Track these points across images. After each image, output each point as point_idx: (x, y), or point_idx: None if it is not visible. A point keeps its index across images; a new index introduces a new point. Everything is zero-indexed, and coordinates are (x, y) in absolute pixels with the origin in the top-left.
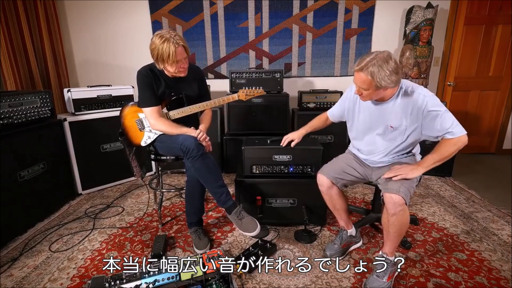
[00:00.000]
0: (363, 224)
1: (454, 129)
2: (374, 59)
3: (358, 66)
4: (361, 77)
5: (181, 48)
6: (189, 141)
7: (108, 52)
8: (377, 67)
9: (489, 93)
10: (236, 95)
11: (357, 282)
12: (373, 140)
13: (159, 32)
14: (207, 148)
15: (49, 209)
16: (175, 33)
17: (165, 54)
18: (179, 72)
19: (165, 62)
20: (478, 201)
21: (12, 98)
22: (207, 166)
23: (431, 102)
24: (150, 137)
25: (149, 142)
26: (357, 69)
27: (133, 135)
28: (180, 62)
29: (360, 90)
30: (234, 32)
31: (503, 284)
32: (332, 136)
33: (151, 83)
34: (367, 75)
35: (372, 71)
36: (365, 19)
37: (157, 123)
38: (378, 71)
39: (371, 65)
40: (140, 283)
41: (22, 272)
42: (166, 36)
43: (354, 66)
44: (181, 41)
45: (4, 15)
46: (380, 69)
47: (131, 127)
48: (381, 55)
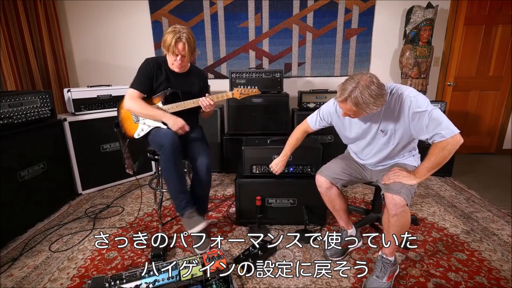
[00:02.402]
0: (363, 224)
1: (443, 130)
2: (356, 88)
3: (341, 97)
4: (346, 107)
5: (182, 44)
6: (166, 138)
7: (108, 52)
8: (360, 96)
9: (489, 93)
10: (230, 93)
11: (357, 282)
12: (367, 145)
13: (176, 25)
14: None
15: (49, 209)
16: (187, 30)
17: (167, 42)
18: (175, 66)
19: (166, 49)
20: (478, 201)
21: (12, 98)
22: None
23: (416, 103)
24: (143, 129)
25: (142, 135)
26: (341, 100)
27: (127, 127)
28: (178, 57)
29: (347, 114)
30: (234, 32)
31: (503, 284)
32: (332, 136)
33: (149, 73)
34: (351, 105)
35: (356, 101)
36: (365, 19)
37: (131, 103)
38: (362, 100)
39: (354, 94)
40: (140, 283)
41: (22, 272)
42: (177, 28)
43: (336, 96)
44: (185, 38)
45: (4, 15)
46: (364, 97)
47: (127, 119)
48: (362, 81)
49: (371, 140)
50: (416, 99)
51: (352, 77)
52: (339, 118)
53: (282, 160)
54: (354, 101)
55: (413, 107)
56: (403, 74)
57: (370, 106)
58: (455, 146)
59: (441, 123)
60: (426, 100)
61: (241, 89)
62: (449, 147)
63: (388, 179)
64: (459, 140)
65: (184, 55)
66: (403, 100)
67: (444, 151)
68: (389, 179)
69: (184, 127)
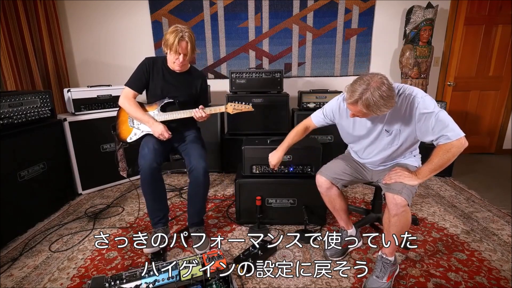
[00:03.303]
0: (363, 224)
1: (449, 132)
2: (367, 90)
3: (351, 99)
4: (356, 109)
5: (185, 43)
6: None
7: (108, 52)
8: (371, 98)
9: (489, 93)
10: (223, 107)
11: (357, 282)
12: (370, 144)
13: (177, 24)
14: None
15: (49, 209)
16: (189, 30)
17: (170, 41)
18: (176, 64)
19: (168, 48)
20: (478, 201)
21: (12, 98)
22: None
23: (423, 104)
24: (136, 134)
25: (134, 139)
26: (351, 102)
27: (122, 130)
28: (181, 55)
29: (355, 115)
30: (234, 32)
31: (503, 284)
32: (332, 136)
33: (145, 72)
34: (362, 107)
35: (367, 103)
36: (365, 19)
37: (125, 102)
38: (373, 102)
39: (365, 96)
40: (140, 283)
41: (22, 272)
42: (179, 28)
43: (346, 97)
44: (188, 37)
45: (4, 15)
46: (375, 99)
47: (123, 122)
48: (373, 83)
49: (375, 139)
50: (424, 100)
51: (361, 78)
52: (342, 117)
53: (280, 153)
54: (365, 103)
55: (420, 108)
56: (403, 74)
57: (381, 108)
58: (460, 149)
59: (447, 126)
60: (433, 102)
61: (235, 105)
62: (453, 150)
63: (390, 179)
64: (464, 143)
65: (186, 54)
66: (410, 101)
67: (448, 154)
68: (390, 179)
69: (163, 134)
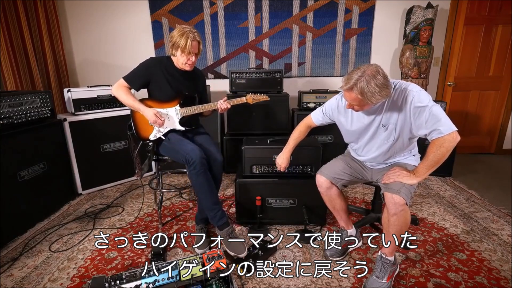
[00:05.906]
0: (363, 224)
1: (441, 126)
2: (362, 76)
3: (347, 86)
4: (351, 96)
5: (196, 42)
6: (195, 154)
7: (108, 52)
8: (366, 85)
9: (489, 93)
10: (244, 98)
11: (357, 282)
12: (369, 141)
13: (181, 25)
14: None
15: (49, 209)
16: (195, 29)
17: (182, 43)
18: (187, 65)
19: (179, 50)
20: (478, 201)
21: (12, 98)
22: (208, 182)
23: (418, 97)
24: (160, 130)
25: (159, 136)
26: (346, 88)
27: (142, 128)
28: (191, 55)
29: (351, 105)
30: (234, 32)
31: (503, 284)
32: (332, 136)
33: (147, 72)
34: (357, 94)
35: (362, 89)
36: (365, 19)
37: (118, 91)
38: (368, 89)
39: (360, 83)
40: (140, 283)
41: (22, 272)
42: (187, 29)
43: (342, 84)
44: (198, 37)
45: (4, 15)
46: (370, 86)
47: (143, 121)
48: (368, 71)
49: (373, 134)
50: (419, 94)
51: (358, 67)
52: (340, 113)
53: (287, 153)
54: (360, 90)
55: (415, 102)
56: (403, 74)
57: (376, 95)
58: (452, 143)
59: (440, 120)
60: (428, 96)
61: (254, 95)
62: (446, 144)
63: (388, 178)
64: (456, 137)
65: (197, 53)
66: (406, 95)
67: (441, 149)
68: (389, 179)
69: (157, 121)
